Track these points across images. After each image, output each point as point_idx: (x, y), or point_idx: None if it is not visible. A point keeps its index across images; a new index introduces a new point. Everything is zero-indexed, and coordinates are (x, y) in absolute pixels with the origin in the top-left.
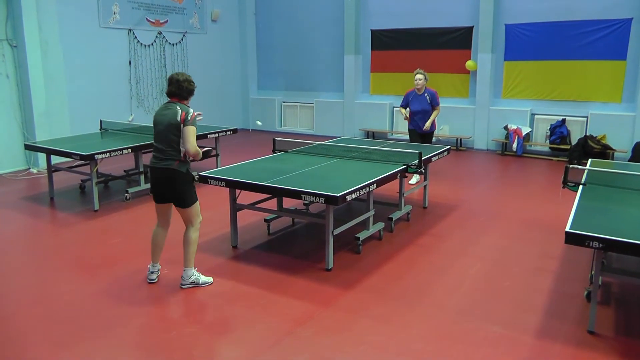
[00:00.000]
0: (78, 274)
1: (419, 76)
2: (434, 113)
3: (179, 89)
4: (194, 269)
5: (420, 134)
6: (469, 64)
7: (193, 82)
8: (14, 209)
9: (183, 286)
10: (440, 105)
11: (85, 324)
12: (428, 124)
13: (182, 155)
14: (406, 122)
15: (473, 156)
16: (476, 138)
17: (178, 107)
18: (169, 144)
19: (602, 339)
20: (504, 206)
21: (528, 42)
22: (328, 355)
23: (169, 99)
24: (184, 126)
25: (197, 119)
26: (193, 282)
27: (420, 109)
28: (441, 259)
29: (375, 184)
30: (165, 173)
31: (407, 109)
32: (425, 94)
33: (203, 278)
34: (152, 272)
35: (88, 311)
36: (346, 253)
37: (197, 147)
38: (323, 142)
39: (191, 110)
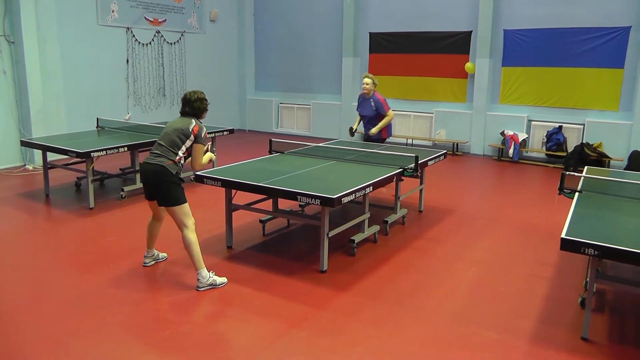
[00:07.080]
0: (73, 271)
1: (366, 80)
2: (384, 120)
3: (193, 109)
4: (211, 272)
5: (366, 139)
6: (468, 65)
7: (206, 100)
8: (9, 206)
9: (200, 289)
10: (433, 111)
11: (80, 321)
12: (374, 129)
13: (177, 157)
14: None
15: (469, 161)
16: (473, 143)
17: (193, 120)
18: (170, 144)
19: (596, 346)
20: (500, 211)
21: (526, 48)
22: (322, 357)
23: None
24: (195, 142)
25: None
26: (210, 285)
27: (364, 114)
28: (436, 263)
29: (371, 187)
30: (155, 169)
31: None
32: (371, 100)
33: (219, 279)
34: (146, 257)
35: (83, 308)
36: (341, 255)
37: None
38: (319, 144)
39: (205, 129)
